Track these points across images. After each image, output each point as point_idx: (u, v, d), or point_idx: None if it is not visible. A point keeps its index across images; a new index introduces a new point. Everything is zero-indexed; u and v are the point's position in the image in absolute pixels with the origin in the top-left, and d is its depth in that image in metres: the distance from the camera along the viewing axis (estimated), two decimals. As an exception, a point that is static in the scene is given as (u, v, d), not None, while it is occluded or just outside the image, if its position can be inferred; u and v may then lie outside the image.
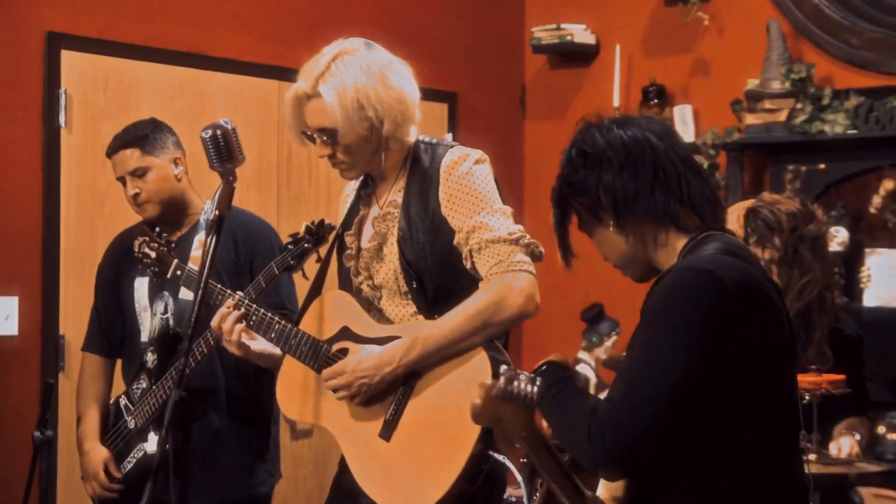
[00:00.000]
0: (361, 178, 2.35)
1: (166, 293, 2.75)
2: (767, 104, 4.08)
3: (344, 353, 2.22)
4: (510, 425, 1.62)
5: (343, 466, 2.23)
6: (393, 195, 2.25)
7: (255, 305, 2.31)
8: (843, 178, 4.05)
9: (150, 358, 2.72)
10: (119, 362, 2.92)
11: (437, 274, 2.16)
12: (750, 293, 1.60)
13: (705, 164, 4.21)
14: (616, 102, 4.46)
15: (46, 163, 3.55)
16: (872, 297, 3.91)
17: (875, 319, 3.78)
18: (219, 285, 2.41)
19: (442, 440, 2.08)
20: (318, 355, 2.22)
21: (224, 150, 2.10)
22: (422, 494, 2.07)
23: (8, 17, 3.51)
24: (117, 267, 2.87)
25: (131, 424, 2.74)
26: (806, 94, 4.03)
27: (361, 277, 2.27)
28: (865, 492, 3.19)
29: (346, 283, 2.32)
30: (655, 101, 4.43)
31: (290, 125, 2.24)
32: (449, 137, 4.61)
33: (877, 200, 3.94)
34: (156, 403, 2.67)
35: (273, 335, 2.26)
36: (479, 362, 2.09)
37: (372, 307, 2.25)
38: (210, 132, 2.12)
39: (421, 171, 2.22)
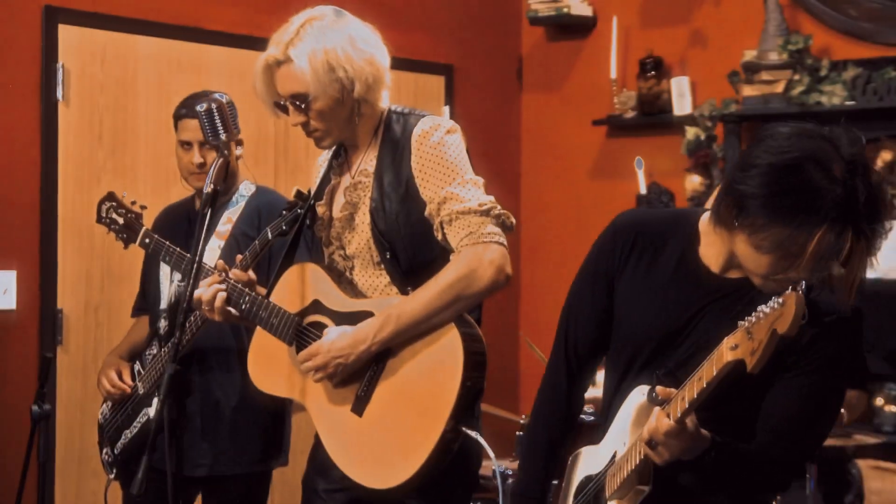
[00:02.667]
0: (333, 150, 2.33)
1: (207, 265, 2.78)
2: (765, 75, 4.07)
3: (316, 326, 2.21)
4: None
5: (318, 440, 2.23)
6: (365, 164, 2.23)
7: (246, 291, 2.30)
8: (841, 150, 4.04)
9: (163, 324, 2.76)
10: None
11: (411, 245, 2.15)
12: None
13: (702, 136, 4.21)
14: (613, 74, 4.45)
15: (44, 137, 3.55)
16: (870, 269, 3.91)
17: (874, 292, 3.77)
18: (187, 256, 2.43)
19: (414, 416, 2.08)
20: (290, 328, 2.21)
21: (219, 124, 2.13)
22: (395, 470, 2.08)
23: (4, -9, 3.51)
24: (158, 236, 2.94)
25: (140, 389, 2.78)
26: (803, 65, 4.02)
27: (333, 247, 2.26)
28: (863, 464, 3.22)
29: (317, 253, 2.30)
30: (653, 72, 4.41)
31: (261, 96, 2.22)
32: (447, 112, 4.61)
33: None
34: (160, 369, 2.70)
35: (244, 306, 2.25)
36: (451, 339, 2.09)
37: (343, 279, 2.23)
38: (205, 105, 2.14)
39: (392, 140, 2.20)
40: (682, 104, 4.35)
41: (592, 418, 3.06)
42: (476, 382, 2.09)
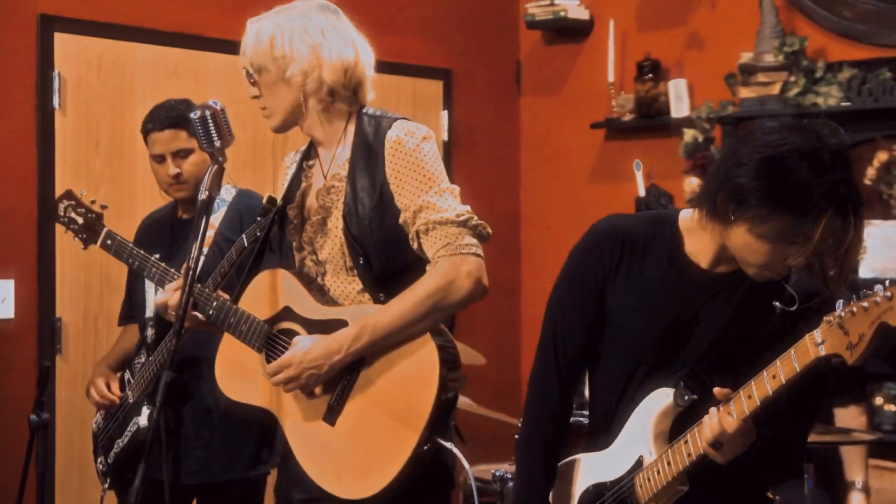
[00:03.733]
0: (304, 150, 2.30)
1: (171, 268, 2.77)
2: (761, 77, 4.08)
3: (287, 334, 2.18)
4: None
5: (288, 450, 2.19)
6: (337, 168, 2.20)
7: (211, 294, 2.28)
8: (836, 151, 4.04)
9: (150, 333, 2.75)
10: None
11: (385, 251, 2.12)
12: None
13: (700, 138, 4.21)
14: (611, 78, 4.45)
15: (41, 145, 3.55)
16: (868, 269, 3.91)
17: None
18: (151, 259, 2.42)
19: (389, 427, 2.06)
20: (259, 335, 2.18)
21: (213, 131, 2.11)
22: (369, 481, 2.06)
23: (1, 0, 3.50)
24: (140, 244, 2.92)
25: (130, 398, 2.77)
26: (799, 66, 4.03)
27: (305, 252, 2.21)
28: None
29: (288, 258, 2.26)
30: (650, 75, 4.42)
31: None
32: (445, 116, 4.61)
33: (871, 172, 3.94)
34: (149, 377, 2.69)
35: (212, 311, 2.23)
36: (427, 350, 2.07)
37: (314, 284, 2.20)
38: (199, 113, 2.13)
39: (365, 143, 2.16)
40: (679, 106, 4.35)
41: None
42: (451, 394, 2.08)
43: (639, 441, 1.82)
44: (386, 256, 2.12)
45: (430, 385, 2.04)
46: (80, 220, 2.64)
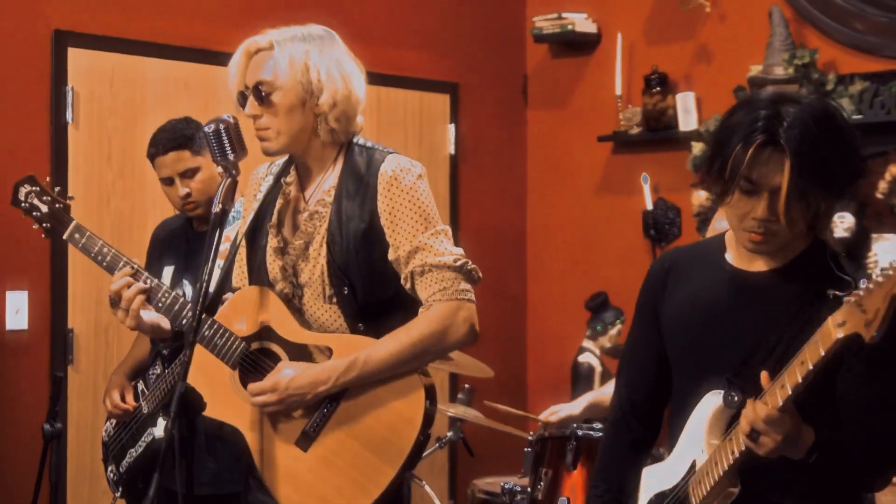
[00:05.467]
0: (281, 165, 2.27)
1: (185, 280, 2.79)
2: (771, 90, 4.08)
3: (265, 353, 2.16)
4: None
5: (252, 465, 2.18)
6: (322, 194, 2.18)
7: (164, 287, 2.29)
8: (848, 163, 4.03)
9: (164, 344, 2.76)
10: None
11: (369, 283, 2.12)
12: None
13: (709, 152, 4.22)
14: (618, 91, 4.46)
15: (54, 159, 3.58)
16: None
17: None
18: (126, 257, 2.38)
19: (364, 460, 2.07)
20: (235, 352, 2.16)
21: (227, 144, 2.12)
22: None
23: (16, 15, 3.55)
24: (152, 254, 2.95)
25: (144, 409, 2.79)
26: (810, 79, 4.01)
27: (287, 273, 2.18)
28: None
29: (259, 274, 2.22)
30: (658, 88, 4.42)
31: (231, 81, 2.18)
32: (452, 130, 4.63)
33: (883, 186, 3.92)
34: (165, 389, 2.71)
35: (184, 322, 2.22)
36: (415, 392, 2.09)
37: (291, 305, 2.17)
38: (213, 126, 2.14)
39: (355, 173, 2.16)
40: (687, 120, 4.35)
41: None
42: (427, 437, 2.12)
43: (693, 446, 1.83)
44: (370, 288, 2.13)
45: (414, 423, 2.07)
46: (45, 209, 2.52)
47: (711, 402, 1.80)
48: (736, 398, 1.74)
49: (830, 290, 1.69)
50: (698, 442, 1.81)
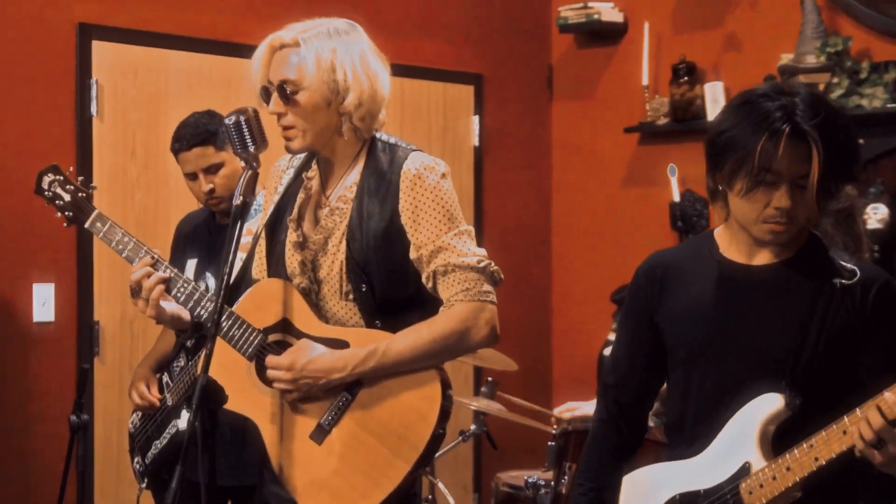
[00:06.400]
0: (302, 159, 2.27)
1: (208, 273, 2.80)
2: (802, 79, 3.99)
3: (282, 346, 2.15)
4: None
5: (266, 456, 2.18)
6: (343, 190, 2.17)
7: (183, 277, 2.29)
8: (882, 153, 3.95)
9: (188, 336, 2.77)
10: None
11: (387, 281, 2.11)
12: None
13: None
14: (645, 81, 4.42)
15: (79, 152, 3.60)
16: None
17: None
18: (146, 246, 2.37)
19: (378, 455, 2.07)
20: (252, 344, 2.16)
21: (247, 136, 2.12)
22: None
23: (40, 9, 3.57)
24: (176, 248, 2.96)
25: (168, 401, 2.80)
26: (843, 67, 3.94)
27: (307, 268, 2.17)
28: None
29: (277, 268, 2.22)
30: (686, 78, 4.37)
31: (253, 76, 2.16)
32: (476, 122, 4.60)
33: (919, 174, 3.87)
34: (188, 381, 2.72)
35: (203, 312, 2.22)
36: (432, 388, 2.09)
37: (308, 300, 2.17)
38: (234, 118, 2.14)
39: (377, 170, 2.15)
40: (716, 110, 4.29)
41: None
42: (443, 433, 2.11)
43: (742, 447, 1.79)
44: (388, 286, 2.12)
45: (429, 419, 2.07)
46: (67, 197, 2.53)
47: (767, 405, 1.77)
48: (798, 401, 1.73)
49: (837, 279, 1.74)
50: (748, 443, 1.78)
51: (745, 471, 1.78)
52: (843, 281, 1.75)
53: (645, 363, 1.95)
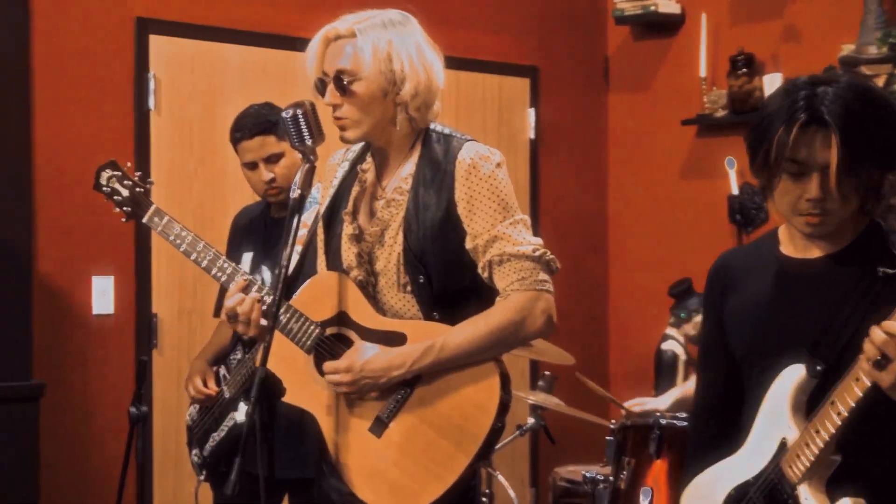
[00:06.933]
0: (358, 151, 2.26)
1: (264, 266, 2.81)
2: (864, 70, 3.94)
3: (340, 339, 2.16)
4: None
5: (326, 451, 2.17)
6: (399, 181, 2.16)
7: (241, 271, 2.29)
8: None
9: None
10: None
11: (445, 271, 2.10)
12: None
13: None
14: (703, 73, 4.36)
15: (137, 145, 3.64)
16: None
17: None
18: (203, 241, 2.39)
19: (438, 448, 2.06)
20: (310, 337, 2.16)
21: (304, 129, 2.12)
22: (408, 497, 2.06)
23: (99, 4, 3.62)
24: (232, 241, 2.98)
25: (226, 394, 2.82)
26: (904, 58, 3.88)
27: (363, 260, 2.17)
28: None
29: (334, 261, 2.21)
30: (744, 70, 4.31)
31: (308, 68, 2.15)
32: (532, 114, 4.57)
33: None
34: (245, 374, 2.73)
35: (263, 307, 2.21)
36: (490, 380, 2.07)
37: (367, 292, 2.16)
38: (291, 112, 2.14)
39: (432, 160, 2.13)
40: (775, 101, 4.24)
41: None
42: (502, 426, 2.10)
43: (777, 425, 1.78)
44: (446, 277, 2.11)
45: (489, 411, 2.06)
46: (126, 193, 2.56)
47: (791, 377, 1.76)
48: (819, 367, 1.71)
49: (882, 269, 1.70)
50: (782, 420, 1.77)
51: (783, 447, 1.77)
52: (887, 270, 1.70)
53: (725, 359, 1.93)
